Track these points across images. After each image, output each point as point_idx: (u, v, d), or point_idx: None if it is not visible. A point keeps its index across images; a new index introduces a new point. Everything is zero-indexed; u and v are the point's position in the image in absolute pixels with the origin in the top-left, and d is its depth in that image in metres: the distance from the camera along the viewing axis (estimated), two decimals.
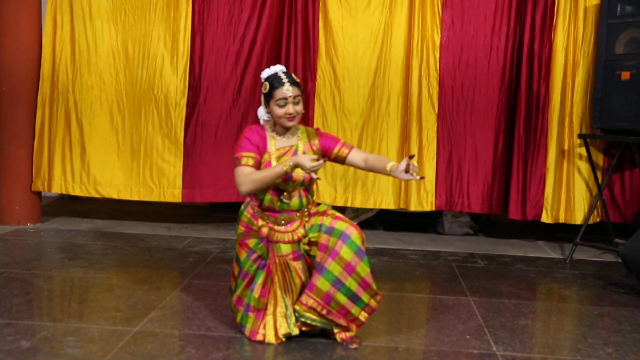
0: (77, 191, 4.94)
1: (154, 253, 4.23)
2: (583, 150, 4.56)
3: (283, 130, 2.78)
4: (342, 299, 2.63)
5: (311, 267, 2.74)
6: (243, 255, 2.76)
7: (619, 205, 4.72)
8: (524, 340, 2.90)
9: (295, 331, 2.71)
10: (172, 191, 4.86)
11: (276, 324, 2.71)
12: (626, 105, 4.21)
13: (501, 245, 4.84)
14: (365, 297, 2.66)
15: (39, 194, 4.99)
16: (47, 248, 4.32)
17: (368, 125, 4.80)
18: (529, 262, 4.36)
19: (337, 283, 2.61)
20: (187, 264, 3.99)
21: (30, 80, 4.82)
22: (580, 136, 4.51)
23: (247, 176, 2.65)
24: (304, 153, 2.75)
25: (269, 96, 2.72)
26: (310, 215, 2.80)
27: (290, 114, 2.70)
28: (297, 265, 2.73)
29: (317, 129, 2.90)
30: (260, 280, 2.75)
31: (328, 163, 4.76)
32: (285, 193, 2.73)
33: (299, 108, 2.74)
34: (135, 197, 4.90)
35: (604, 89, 4.33)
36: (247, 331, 2.75)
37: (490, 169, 4.77)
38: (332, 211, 2.78)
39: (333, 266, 2.61)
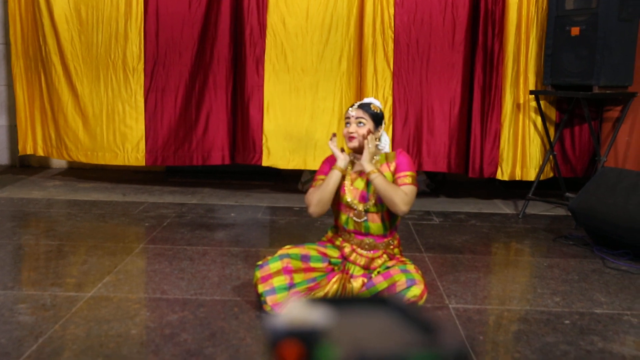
0: (55, 155, 5.10)
1: (109, 219, 4.17)
2: (537, 107, 4.62)
3: (355, 156, 2.80)
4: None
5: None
6: (316, 254, 2.73)
7: (570, 160, 4.82)
8: (476, 292, 2.97)
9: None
10: (135, 155, 4.90)
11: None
12: (576, 60, 4.26)
13: (457, 202, 4.91)
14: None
15: None
16: None
17: (322, 84, 4.75)
18: (483, 218, 4.44)
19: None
20: (142, 229, 3.95)
21: None
22: (531, 92, 4.56)
23: (308, 195, 2.73)
24: (379, 172, 2.71)
25: None
26: (395, 260, 2.78)
27: (350, 132, 2.73)
28: (355, 286, 2.71)
29: (398, 150, 2.83)
30: (319, 279, 2.71)
31: (283, 124, 4.79)
32: (356, 211, 2.73)
33: (362, 130, 2.71)
34: (101, 162, 4.98)
35: (554, 45, 4.37)
36: (272, 300, 2.61)
37: (448, 127, 4.77)
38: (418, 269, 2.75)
39: (381, 284, 2.66)
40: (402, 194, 2.64)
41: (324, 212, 2.75)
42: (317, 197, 2.70)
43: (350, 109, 2.78)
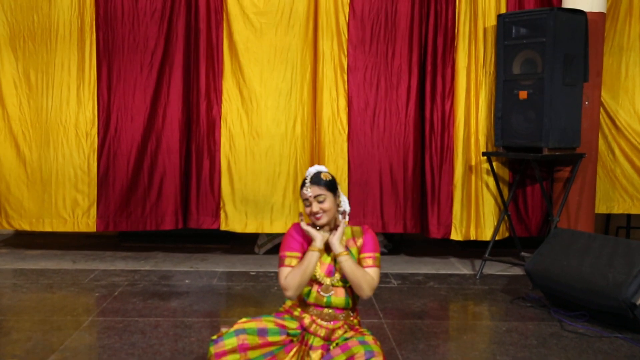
0: None
1: (57, 290, 4.01)
2: (490, 168, 4.69)
3: (325, 228, 2.69)
4: None
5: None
6: (274, 327, 2.62)
7: (524, 220, 4.88)
8: None
9: None
10: (86, 221, 4.78)
11: None
12: (525, 122, 4.37)
13: (414, 263, 4.90)
14: None
15: None
16: None
17: (277, 148, 4.76)
18: (441, 279, 4.43)
19: None
20: (92, 300, 3.81)
21: None
22: (484, 154, 4.63)
23: (287, 279, 2.59)
24: (348, 254, 2.65)
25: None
26: (354, 330, 2.71)
27: (314, 212, 2.63)
28: (314, 357, 2.62)
29: (364, 227, 2.77)
30: (277, 352, 2.60)
31: (239, 188, 4.75)
32: (323, 285, 2.65)
33: (326, 205, 2.64)
34: (48, 228, 4.82)
35: (504, 108, 4.49)
36: None
37: (403, 188, 4.81)
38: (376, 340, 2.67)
39: (339, 357, 2.54)
40: (369, 279, 2.61)
41: None
42: (298, 282, 2.59)
43: (303, 189, 2.67)
